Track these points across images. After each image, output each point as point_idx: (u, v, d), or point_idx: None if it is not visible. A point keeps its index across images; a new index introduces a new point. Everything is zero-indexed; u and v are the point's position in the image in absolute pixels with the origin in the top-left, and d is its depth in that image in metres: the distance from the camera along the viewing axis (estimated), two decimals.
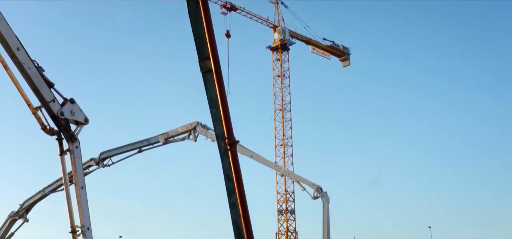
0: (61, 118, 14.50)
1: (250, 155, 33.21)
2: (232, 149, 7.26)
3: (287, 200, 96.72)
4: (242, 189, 6.28)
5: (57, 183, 37.45)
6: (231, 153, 7.14)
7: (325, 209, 31.41)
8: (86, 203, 19.76)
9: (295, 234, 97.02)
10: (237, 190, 6.30)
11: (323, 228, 31.08)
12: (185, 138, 34.97)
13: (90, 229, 19.68)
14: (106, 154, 35.18)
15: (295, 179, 35.95)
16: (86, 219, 19.69)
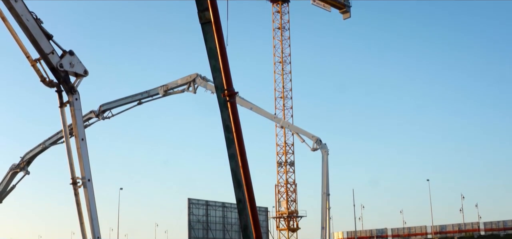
0: (60, 70, 14.47)
1: (250, 107, 33.22)
2: (231, 100, 7.25)
3: (287, 152, 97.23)
4: (241, 140, 6.30)
5: (57, 135, 37.59)
6: (230, 105, 7.13)
7: (325, 161, 31.57)
8: (86, 154, 19.87)
9: (295, 186, 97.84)
10: (236, 141, 6.32)
11: (323, 179, 31.28)
12: (185, 90, 34.96)
13: (90, 180, 19.84)
14: (106, 107, 35.21)
15: (295, 131, 36.07)
16: (87, 171, 19.84)
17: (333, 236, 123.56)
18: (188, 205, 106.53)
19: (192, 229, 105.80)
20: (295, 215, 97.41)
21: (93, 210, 20.23)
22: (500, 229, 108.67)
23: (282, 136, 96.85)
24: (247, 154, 6.49)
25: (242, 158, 6.21)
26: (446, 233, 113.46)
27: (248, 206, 6.38)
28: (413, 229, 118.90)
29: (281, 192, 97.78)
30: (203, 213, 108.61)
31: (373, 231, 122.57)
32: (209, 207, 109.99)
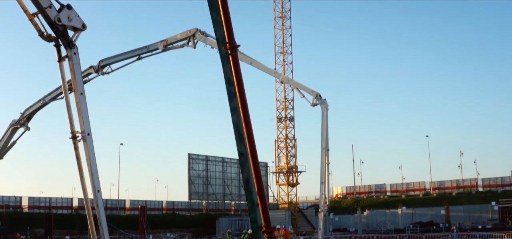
0: (58, 24, 14.33)
1: (250, 62, 33.04)
2: (233, 53, 7.19)
3: (286, 107, 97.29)
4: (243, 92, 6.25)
5: (57, 91, 37.50)
6: (232, 57, 7.07)
7: (324, 116, 31.56)
8: (85, 109, 19.82)
9: (294, 141, 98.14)
10: (238, 94, 6.26)
11: (322, 135, 31.32)
12: (184, 45, 34.73)
13: (90, 134, 19.82)
14: (105, 62, 35.03)
15: (295, 86, 35.95)
16: (86, 125, 19.81)
17: (332, 191, 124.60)
18: (188, 160, 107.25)
19: (192, 184, 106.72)
20: (295, 170, 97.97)
21: (93, 164, 20.30)
22: (497, 186, 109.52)
23: (282, 91, 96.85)
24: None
25: (243, 111, 6.17)
26: (444, 189, 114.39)
27: (250, 159, 6.36)
28: (412, 185, 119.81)
29: (281, 147, 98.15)
30: (203, 168, 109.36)
31: (372, 186, 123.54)
32: (209, 162, 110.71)
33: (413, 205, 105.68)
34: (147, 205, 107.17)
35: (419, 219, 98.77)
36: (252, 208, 6.64)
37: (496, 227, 75.67)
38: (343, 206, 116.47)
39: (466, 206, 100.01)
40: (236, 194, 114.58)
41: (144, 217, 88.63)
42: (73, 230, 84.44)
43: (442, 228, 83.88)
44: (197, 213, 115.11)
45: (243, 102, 6.26)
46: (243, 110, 6.23)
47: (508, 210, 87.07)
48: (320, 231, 31.29)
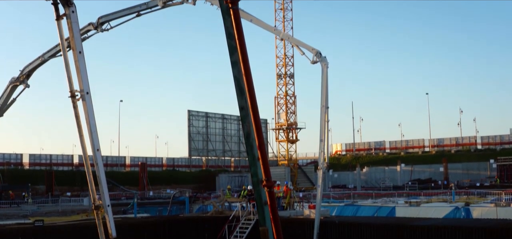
0: None
1: (250, 18, 32.76)
2: (234, 7, 7.13)
3: (286, 64, 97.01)
4: (243, 46, 6.21)
5: (55, 48, 37.28)
6: (233, 11, 7.02)
7: (324, 74, 31.44)
8: (84, 67, 19.74)
9: (294, 98, 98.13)
10: (239, 48, 6.23)
11: (322, 92, 31.25)
12: (184, 1, 34.36)
13: (89, 93, 19.79)
14: (104, 19, 34.72)
15: (295, 43, 35.74)
16: (85, 84, 19.75)
17: (332, 148, 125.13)
18: (188, 117, 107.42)
19: (192, 141, 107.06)
20: (294, 127, 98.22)
21: (92, 123, 20.33)
22: (496, 144, 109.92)
23: (282, 48, 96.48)
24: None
25: (244, 65, 6.15)
26: (443, 147, 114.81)
27: (251, 113, 6.36)
28: (411, 142, 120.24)
29: (281, 104, 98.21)
30: (203, 124, 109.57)
31: (371, 144, 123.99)
32: (209, 118, 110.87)
33: (412, 162, 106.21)
34: (147, 161, 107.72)
35: (417, 176, 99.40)
36: (253, 162, 6.66)
37: (494, 185, 76.20)
38: (343, 163, 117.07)
39: (465, 164, 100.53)
40: (236, 150, 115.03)
41: (144, 173, 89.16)
42: (74, 187, 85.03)
43: (441, 185, 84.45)
44: (197, 169, 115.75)
45: (243, 56, 6.23)
46: (244, 64, 6.20)
47: (506, 168, 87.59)
48: (319, 187, 31.48)
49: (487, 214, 36.44)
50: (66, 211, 50.90)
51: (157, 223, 36.42)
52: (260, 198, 6.73)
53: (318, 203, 30.95)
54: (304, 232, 32.25)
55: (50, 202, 61.32)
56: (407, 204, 46.79)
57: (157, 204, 60.35)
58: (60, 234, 32.21)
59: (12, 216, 44.88)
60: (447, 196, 53.92)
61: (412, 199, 51.41)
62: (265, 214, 6.81)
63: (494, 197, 48.81)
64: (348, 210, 46.56)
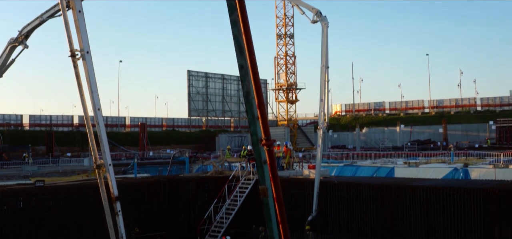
0: None
1: None
2: None
3: (286, 24, 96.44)
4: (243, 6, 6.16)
5: (54, 8, 37.01)
6: None
7: (324, 33, 31.30)
8: (84, 27, 19.66)
9: (294, 59, 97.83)
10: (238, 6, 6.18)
11: (322, 52, 31.16)
12: None
13: (89, 52, 19.75)
14: None
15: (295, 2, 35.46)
16: (85, 43, 19.71)
17: (332, 109, 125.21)
18: (188, 77, 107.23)
19: (192, 101, 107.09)
20: (294, 87, 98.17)
21: (92, 82, 20.34)
22: (496, 105, 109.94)
23: (282, 8, 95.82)
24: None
25: (244, 24, 6.11)
26: (443, 108, 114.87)
27: (250, 72, 6.34)
28: (411, 103, 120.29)
29: (281, 64, 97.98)
30: (202, 85, 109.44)
31: (371, 104, 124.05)
32: (209, 79, 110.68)
33: (412, 123, 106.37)
34: (147, 122, 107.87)
35: (417, 137, 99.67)
36: (252, 121, 6.66)
37: (493, 146, 76.42)
38: (342, 124, 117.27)
39: (464, 125, 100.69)
40: (236, 110, 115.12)
41: (144, 133, 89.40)
42: (74, 147, 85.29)
43: (440, 146, 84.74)
44: (197, 129, 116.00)
45: (243, 14, 6.18)
46: (243, 23, 6.16)
47: (505, 130, 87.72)
48: (319, 147, 31.59)
49: (485, 175, 36.65)
50: (67, 172, 51.10)
51: (157, 183, 36.63)
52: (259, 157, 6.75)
53: (318, 163, 31.10)
54: (304, 192, 32.46)
55: (50, 162, 61.58)
56: (406, 165, 47.04)
57: (157, 164, 60.65)
58: (61, 194, 32.43)
59: (13, 177, 45.08)
60: (446, 157, 54.14)
61: (411, 160, 51.64)
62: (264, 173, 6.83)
63: (493, 158, 49.03)
64: (347, 170, 46.83)
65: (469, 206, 25.53)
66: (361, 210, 29.61)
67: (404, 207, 27.84)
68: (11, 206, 30.57)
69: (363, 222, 29.51)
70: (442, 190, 26.57)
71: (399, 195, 28.19)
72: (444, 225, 26.33)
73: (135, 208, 33.87)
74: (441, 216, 26.42)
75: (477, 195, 25.30)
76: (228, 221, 33.37)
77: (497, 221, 24.15)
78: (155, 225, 34.75)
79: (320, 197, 30.71)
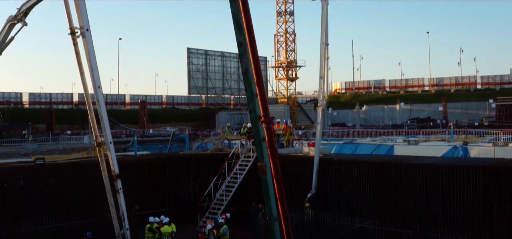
0: None
1: None
2: None
3: (286, 1, 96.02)
4: None
5: None
6: None
7: (324, 10, 31.16)
8: (83, 4, 19.60)
9: (294, 36, 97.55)
10: None
11: (322, 29, 31.06)
12: None
13: (89, 30, 19.72)
14: None
15: None
16: (85, 20, 19.68)
17: (331, 86, 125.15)
18: (188, 55, 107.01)
19: (192, 79, 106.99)
20: (294, 65, 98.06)
21: (92, 59, 20.35)
22: (496, 84, 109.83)
23: None
24: None
25: (243, 1, 6.10)
26: (443, 86, 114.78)
27: (249, 49, 6.34)
28: (411, 81, 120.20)
29: (280, 42, 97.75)
30: (202, 62, 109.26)
31: (371, 82, 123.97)
32: (208, 56, 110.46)
33: (411, 101, 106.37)
34: (147, 99, 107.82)
35: (416, 115, 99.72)
36: (251, 98, 6.67)
37: (493, 125, 76.47)
38: (342, 101, 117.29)
39: (464, 103, 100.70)
40: (235, 88, 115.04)
41: (144, 111, 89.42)
42: (74, 125, 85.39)
43: (439, 124, 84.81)
44: (197, 107, 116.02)
45: None
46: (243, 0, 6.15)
47: (505, 108, 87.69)
48: (319, 125, 31.63)
49: (485, 153, 36.73)
50: (67, 149, 51.26)
51: (157, 160, 36.72)
52: (258, 134, 6.78)
53: (317, 140, 31.15)
54: (303, 170, 32.56)
55: (50, 140, 61.69)
56: (405, 143, 47.12)
57: (157, 142, 60.78)
58: (61, 172, 32.52)
59: (13, 155, 45.22)
60: (445, 135, 54.21)
61: (411, 138, 51.73)
62: (263, 150, 6.87)
63: (492, 137, 49.09)
64: (347, 148, 46.92)
65: (468, 184, 25.61)
66: (361, 188, 29.72)
67: (403, 184, 27.93)
68: (12, 184, 30.69)
69: (363, 200, 29.64)
70: (441, 168, 26.65)
71: (398, 172, 28.27)
72: (443, 203, 26.44)
73: (135, 186, 34.01)
74: (440, 194, 26.52)
75: (476, 173, 25.37)
76: (228, 198, 33.50)
77: (496, 199, 24.25)
78: (155, 202, 34.93)
79: (320, 174, 30.82)
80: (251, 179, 34.48)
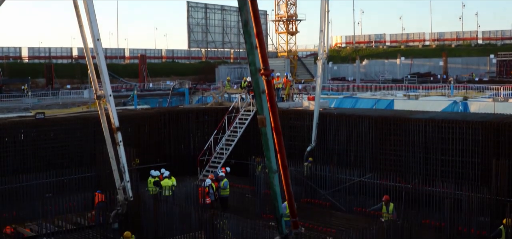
0: None
1: None
2: None
3: None
4: None
5: None
6: None
7: None
8: None
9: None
10: None
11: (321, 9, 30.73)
12: None
13: None
14: None
15: None
16: None
17: (332, 40, 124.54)
18: (187, 8, 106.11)
19: (192, 32, 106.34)
20: (294, 19, 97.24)
21: (91, 11, 20.18)
22: (497, 39, 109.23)
23: None
24: None
25: None
26: (443, 41, 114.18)
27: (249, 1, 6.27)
28: (412, 36, 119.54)
29: None
30: (202, 16, 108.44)
31: (372, 36, 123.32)
32: (208, 10, 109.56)
33: (412, 56, 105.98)
34: (147, 53, 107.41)
35: (417, 70, 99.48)
36: (251, 51, 6.62)
37: (493, 80, 76.36)
38: (342, 56, 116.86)
39: (465, 58, 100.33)
40: (235, 42, 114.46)
41: (144, 65, 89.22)
42: (73, 79, 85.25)
43: (440, 79, 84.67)
44: (197, 61, 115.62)
45: None
46: None
47: (506, 63, 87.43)
48: (319, 79, 31.58)
49: (484, 109, 36.75)
50: (67, 104, 51.25)
51: (157, 114, 36.72)
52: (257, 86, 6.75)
53: (317, 94, 31.11)
54: (303, 123, 32.62)
55: (50, 95, 61.65)
56: (405, 97, 47.11)
57: (157, 96, 60.80)
58: (62, 126, 32.56)
59: (13, 109, 45.21)
60: (445, 90, 54.17)
61: (411, 93, 51.68)
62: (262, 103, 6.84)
63: (493, 92, 49.04)
64: (347, 102, 46.94)
65: (467, 139, 25.69)
66: (360, 142, 29.83)
67: (402, 139, 28.03)
68: (12, 139, 30.77)
69: (362, 154, 29.77)
70: (441, 122, 26.68)
71: (398, 127, 28.33)
72: (442, 158, 26.56)
73: (135, 140, 34.12)
74: (439, 149, 26.62)
75: (476, 128, 25.42)
76: (227, 152, 33.64)
77: (495, 154, 24.35)
78: (155, 156, 35.08)
79: (319, 129, 30.87)
80: (251, 133, 34.60)
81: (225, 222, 18.89)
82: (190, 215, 20.25)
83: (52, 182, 28.66)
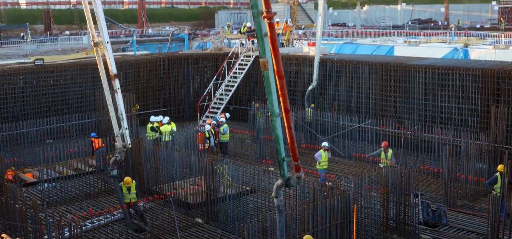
0: None
1: None
2: None
3: None
4: None
5: None
6: None
7: None
8: None
9: None
10: None
11: None
12: None
13: None
14: None
15: None
16: None
17: None
18: None
19: None
20: None
21: None
22: None
23: None
24: None
25: None
26: None
27: None
28: None
29: None
30: None
31: None
32: None
33: (413, 1, 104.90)
34: None
35: (418, 16, 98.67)
36: None
37: (494, 27, 75.82)
38: (343, 1, 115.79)
39: (466, 5, 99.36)
40: None
41: (143, 10, 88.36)
42: (72, 25, 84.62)
43: (441, 25, 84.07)
44: (196, 6, 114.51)
45: None
46: None
47: (508, 11, 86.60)
48: (319, 25, 31.40)
49: (485, 56, 36.59)
50: (66, 50, 50.96)
51: (156, 60, 36.62)
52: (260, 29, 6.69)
53: (318, 40, 31.00)
54: (303, 69, 32.59)
55: (49, 41, 61.27)
56: (406, 44, 46.87)
57: (156, 41, 60.41)
58: (61, 72, 32.53)
59: (12, 56, 45.00)
60: (446, 37, 53.84)
61: (411, 39, 51.38)
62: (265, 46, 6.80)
63: (494, 39, 48.76)
64: (347, 48, 46.70)
65: (467, 86, 25.71)
66: (360, 88, 29.88)
67: (402, 85, 28.06)
68: (12, 85, 30.78)
69: (362, 99, 29.86)
70: (441, 69, 26.64)
71: (398, 73, 28.32)
72: (442, 104, 26.63)
73: (135, 86, 34.12)
74: (439, 95, 26.67)
75: (476, 75, 25.40)
76: (227, 97, 33.69)
77: (494, 101, 24.39)
78: (155, 102, 35.12)
79: (319, 74, 30.86)
80: (251, 79, 34.58)
81: (225, 167, 19.03)
82: (190, 160, 20.37)
83: (52, 128, 28.78)
